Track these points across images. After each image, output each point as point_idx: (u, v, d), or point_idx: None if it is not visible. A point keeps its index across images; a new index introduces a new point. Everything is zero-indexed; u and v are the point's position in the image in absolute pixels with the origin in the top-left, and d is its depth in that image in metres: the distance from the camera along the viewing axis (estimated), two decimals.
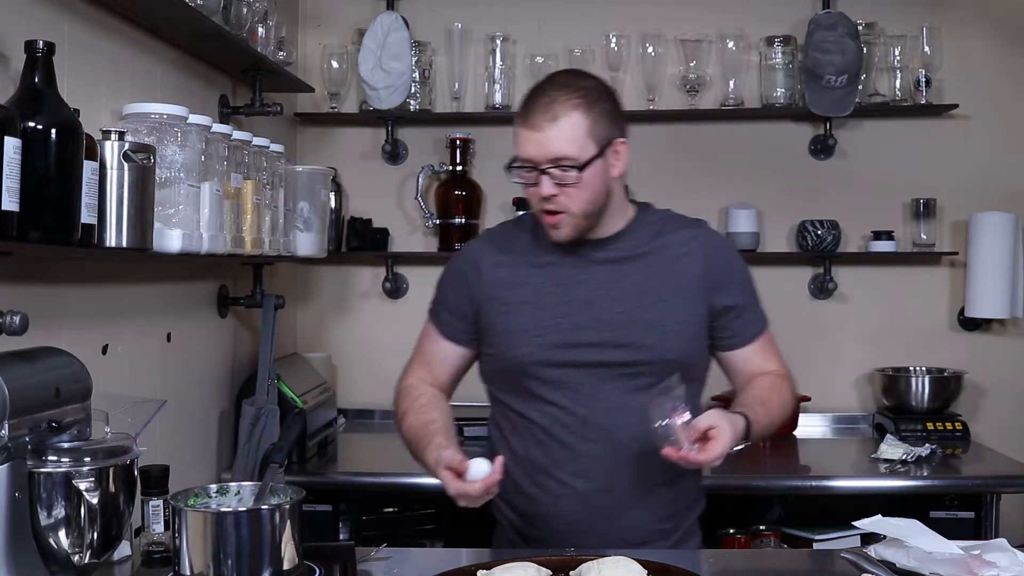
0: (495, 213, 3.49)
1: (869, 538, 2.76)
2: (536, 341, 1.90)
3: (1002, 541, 1.68)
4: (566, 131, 1.81)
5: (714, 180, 3.49)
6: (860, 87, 3.32)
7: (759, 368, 1.98)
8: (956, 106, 3.37)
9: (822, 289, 3.48)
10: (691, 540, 2.00)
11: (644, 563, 1.60)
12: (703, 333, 1.95)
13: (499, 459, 1.74)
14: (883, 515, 1.76)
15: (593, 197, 1.86)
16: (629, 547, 1.79)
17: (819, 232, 3.37)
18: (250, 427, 2.64)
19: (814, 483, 2.80)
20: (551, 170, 1.82)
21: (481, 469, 1.71)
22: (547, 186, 1.83)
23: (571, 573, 1.61)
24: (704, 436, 1.70)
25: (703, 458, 1.69)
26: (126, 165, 1.75)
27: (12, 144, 1.45)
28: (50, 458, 1.46)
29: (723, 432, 1.71)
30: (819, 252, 3.39)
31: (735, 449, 1.77)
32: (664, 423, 1.70)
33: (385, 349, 3.49)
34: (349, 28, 3.52)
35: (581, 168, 1.82)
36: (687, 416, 1.71)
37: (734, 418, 1.78)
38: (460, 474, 1.72)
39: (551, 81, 1.89)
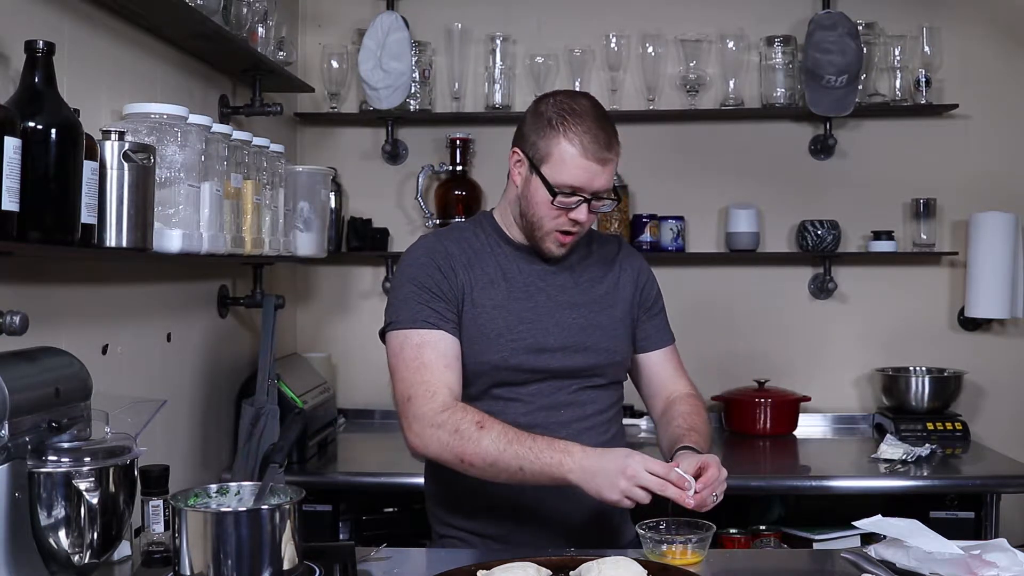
0: None
1: (869, 538, 2.76)
2: (509, 346, 1.94)
3: (1002, 541, 1.68)
4: (614, 167, 1.93)
5: (714, 180, 3.50)
6: (860, 87, 3.32)
7: (670, 377, 2.10)
8: (956, 106, 3.37)
9: (822, 289, 3.48)
10: (624, 527, 2.06)
11: (644, 563, 1.60)
12: (631, 337, 2.09)
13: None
14: (883, 515, 1.76)
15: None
16: (568, 535, 1.93)
17: (819, 232, 3.37)
18: (250, 427, 2.64)
19: (814, 483, 2.80)
20: (595, 200, 1.91)
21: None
22: (586, 212, 1.91)
23: (571, 573, 1.61)
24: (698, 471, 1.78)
25: (715, 475, 1.77)
26: (126, 165, 1.75)
27: (12, 144, 1.45)
28: (50, 458, 1.46)
29: (703, 461, 1.79)
30: (819, 252, 3.39)
31: None
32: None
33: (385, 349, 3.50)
34: (349, 28, 3.52)
35: (619, 199, 1.99)
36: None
37: (693, 454, 1.84)
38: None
39: (597, 110, 1.92)
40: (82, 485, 1.46)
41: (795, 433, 3.31)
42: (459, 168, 3.45)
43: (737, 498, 3.00)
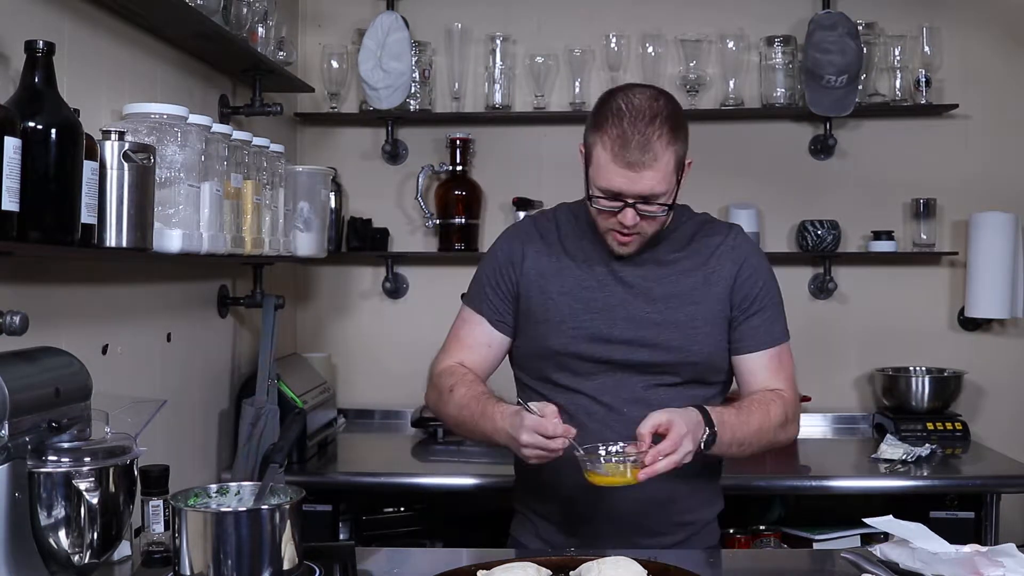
0: (495, 213, 3.49)
1: (869, 538, 2.76)
2: (571, 333, 1.93)
3: (1010, 546, 1.66)
4: (661, 170, 1.81)
5: (714, 180, 3.48)
6: (860, 87, 3.32)
7: (763, 382, 1.96)
8: (956, 106, 3.37)
9: (822, 289, 3.48)
10: (709, 536, 2.02)
11: (644, 563, 1.60)
12: (727, 336, 1.97)
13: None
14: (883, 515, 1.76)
15: (666, 220, 1.92)
16: (648, 537, 1.90)
17: (819, 232, 3.37)
18: (250, 427, 2.64)
19: (814, 483, 2.80)
20: (643, 204, 1.83)
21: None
22: (632, 217, 1.84)
23: (571, 573, 1.61)
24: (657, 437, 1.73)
25: (668, 448, 1.70)
26: (126, 165, 1.75)
27: (12, 144, 1.45)
28: (50, 458, 1.46)
29: (673, 423, 1.72)
30: (819, 252, 3.39)
31: (701, 439, 1.76)
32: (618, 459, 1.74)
33: (385, 349, 3.51)
34: (349, 28, 3.52)
35: (671, 205, 1.87)
36: (619, 446, 1.75)
37: (684, 410, 1.78)
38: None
39: (637, 111, 1.81)
40: (82, 485, 1.46)
41: None
42: (459, 168, 3.45)
43: (737, 498, 3.01)
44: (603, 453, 1.75)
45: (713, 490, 2.05)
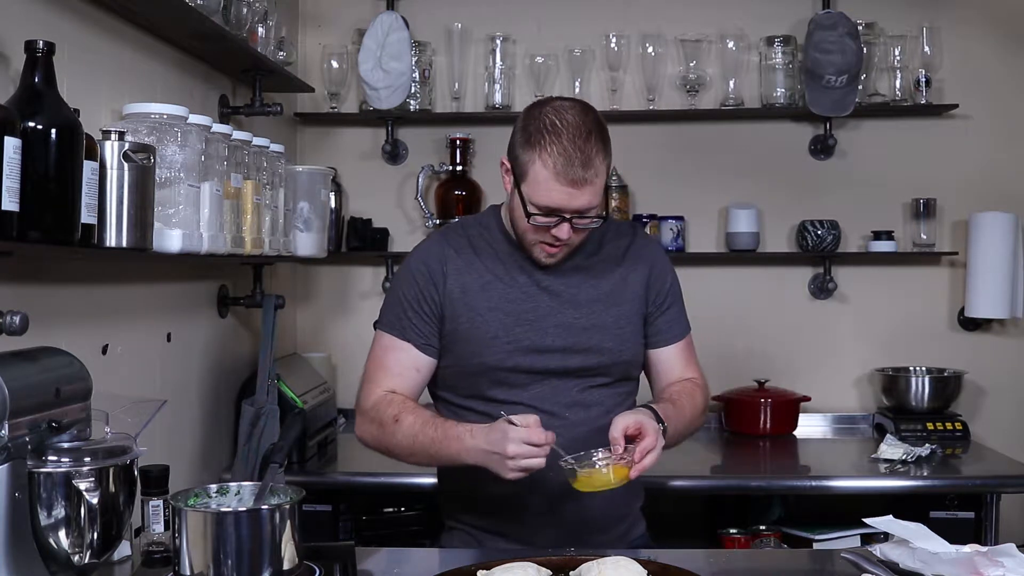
0: None
1: (869, 538, 2.76)
2: (505, 347, 1.94)
3: (1010, 546, 1.66)
4: (598, 185, 1.85)
5: (714, 180, 3.50)
6: (860, 87, 3.32)
7: (679, 372, 2.07)
8: (956, 106, 3.37)
9: (822, 289, 3.48)
10: (638, 526, 2.09)
11: (644, 563, 1.60)
12: (643, 332, 2.05)
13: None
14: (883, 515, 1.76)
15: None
16: (598, 534, 1.96)
17: (819, 232, 3.37)
18: (250, 427, 2.64)
19: (814, 483, 2.80)
20: (578, 218, 1.86)
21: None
22: (568, 231, 1.87)
23: (571, 573, 1.61)
24: (630, 439, 1.79)
25: (651, 444, 1.77)
26: (126, 165, 1.75)
27: (12, 144, 1.45)
28: (50, 458, 1.46)
29: (643, 423, 1.79)
30: (819, 252, 3.39)
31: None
32: (602, 463, 1.77)
33: None
34: (349, 28, 3.52)
35: (605, 216, 1.92)
36: (600, 452, 1.78)
37: (641, 410, 1.87)
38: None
39: (581, 126, 1.83)
40: (82, 485, 1.46)
41: (795, 433, 3.31)
42: (459, 168, 3.45)
43: (737, 498, 3.01)
44: (594, 458, 1.77)
45: (638, 481, 2.07)
